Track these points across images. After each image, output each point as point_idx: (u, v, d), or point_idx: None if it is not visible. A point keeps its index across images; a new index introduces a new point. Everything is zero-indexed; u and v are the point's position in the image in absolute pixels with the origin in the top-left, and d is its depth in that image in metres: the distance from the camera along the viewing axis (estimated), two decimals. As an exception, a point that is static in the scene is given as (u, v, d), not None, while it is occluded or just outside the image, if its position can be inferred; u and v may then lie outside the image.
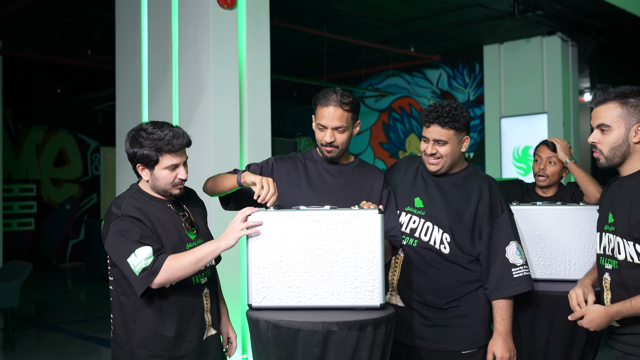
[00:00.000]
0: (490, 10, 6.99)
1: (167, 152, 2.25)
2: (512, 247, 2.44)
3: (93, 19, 7.05)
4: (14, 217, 11.15)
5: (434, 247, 2.46)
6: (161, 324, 2.25)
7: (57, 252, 11.75)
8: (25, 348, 6.02)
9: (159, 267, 2.12)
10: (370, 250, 2.08)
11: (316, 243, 2.09)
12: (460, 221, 2.46)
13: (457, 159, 2.52)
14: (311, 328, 1.93)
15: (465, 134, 2.50)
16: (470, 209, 2.47)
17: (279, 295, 2.10)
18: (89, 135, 12.25)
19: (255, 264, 2.11)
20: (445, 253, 2.45)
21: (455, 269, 2.46)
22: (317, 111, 2.43)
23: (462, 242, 2.46)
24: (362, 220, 2.08)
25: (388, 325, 2.04)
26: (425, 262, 2.47)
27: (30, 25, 7.57)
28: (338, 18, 7.22)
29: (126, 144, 2.31)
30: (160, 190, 2.32)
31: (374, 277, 2.08)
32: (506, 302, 2.43)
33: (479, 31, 8.09)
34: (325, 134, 2.41)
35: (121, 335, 2.30)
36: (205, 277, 2.38)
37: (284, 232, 2.10)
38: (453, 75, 9.63)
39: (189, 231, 2.35)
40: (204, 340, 2.35)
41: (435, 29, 7.92)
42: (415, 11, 7.12)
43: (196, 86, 4.55)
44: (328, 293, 2.09)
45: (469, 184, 2.52)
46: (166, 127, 2.27)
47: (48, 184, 11.82)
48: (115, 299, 2.31)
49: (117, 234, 2.20)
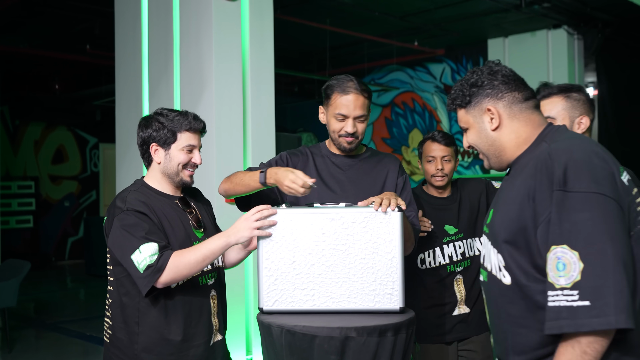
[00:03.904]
0: (496, 2, 6.84)
1: (186, 130, 2.18)
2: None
3: (91, 13, 6.90)
4: (13, 214, 11.06)
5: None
6: (167, 327, 2.12)
7: (56, 250, 11.65)
8: (23, 348, 5.91)
9: (165, 264, 1.99)
10: (389, 250, 1.95)
11: (331, 243, 1.96)
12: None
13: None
14: (328, 334, 1.80)
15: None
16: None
17: (292, 298, 1.97)
18: (87, 132, 12.14)
19: (266, 265, 1.98)
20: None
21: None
22: (334, 100, 2.26)
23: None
24: (381, 218, 1.95)
25: (409, 330, 1.91)
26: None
27: (28, 20, 7.41)
28: (341, 11, 7.08)
29: (140, 129, 2.23)
30: (172, 173, 2.20)
31: (394, 279, 1.95)
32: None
33: (484, 24, 7.95)
34: (346, 124, 2.25)
35: (122, 339, 2.15)
36: (212, 279, 2.25)
37: (297, 231, 1.97)
38: (457, 69, 9.49)
39: (196, 229, 2.23)
40: (211, 345, 2.22)
41: (439, 22, 7.78)
42: (420, 4, 6.97)
43: (198, 80, 4.42)
44: (344, 296, 1.96)
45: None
46: (183, 111, 2.24)
47: (47, 181, 11.72)
48: (117, 300, 2.17)
49: (121, 228, 2.07)
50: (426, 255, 2.76)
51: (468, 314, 2.76)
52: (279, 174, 2.09)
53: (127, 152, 4.94)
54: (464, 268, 2.78)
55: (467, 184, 2.89)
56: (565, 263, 1.33)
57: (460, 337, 2.76)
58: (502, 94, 1.60)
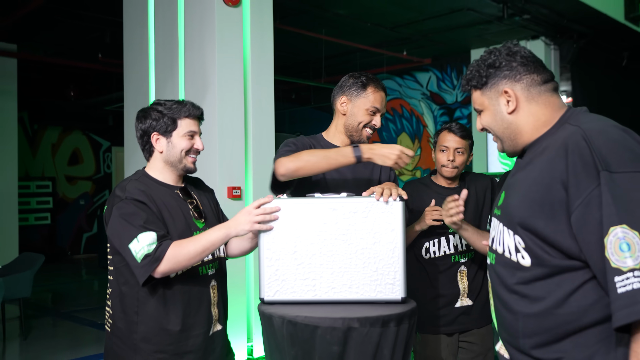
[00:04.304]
0: (480, 14, 6.67)
1: (186, 117, 1.99)
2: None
3: (102, 23, 6.68)
4: (31, 212, 10.95)
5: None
6: (165, 317, 1.92)
7: (72, 245, 11.46)
8: (39, 336, 5.69)
9: (163, 254, 1.80)
10: (391, 240, 1.76)
11: (333, 233, 1.77)
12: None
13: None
14: (330, 324, 1.61)
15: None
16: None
17: (293, 288, 1.78)
18: (101, 136, 11.97)
19: (267, 255, 1.79)
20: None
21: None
22: (370, 93, 2.15)
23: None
24: (382, 208, 1.77)
25: (411, 320, 1.72)
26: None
27: (43, 29, 7.20)
28: (336, 22, 6.89)
29: (138, 121, 2.03)
30: (176, 160, 2.01)
31: (395, 269, 1.76)
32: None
33: (467, 35, 7.77)
34: (377, 117, 2.17)
35: (122, 328, 1.95)
36: (213, 269, 2.05)
37: (299, 221, 1.78)
38: (442, 77, 9.32)
39: (196, 219, 2.02)
40: (211, 335, 2.02)
41: (426, 33, 7.60)
42: (409, 15, 6.79)
43: (202, 82, 4.23)
44: (346, 286, 1.77)
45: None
46: (180, 100, 2.06)
47: (63, 181, 11.57)
48: (116, 289, 1.97)
49: (119, 217, 1.87)
50: (431, 245, 2.53)
51: (471, 307, 2.54)
52: (375, 149, 1.94)
53: (134, 154, 4.75)
54: (468, 259, 2.55)
55: (475, 178, 2.68)
56: (629, 243, 1.14)
57: (461, 329, 2.55)
58: (520, 75, 1.41)
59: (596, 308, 1.25)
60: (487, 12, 6.64)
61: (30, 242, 10.42)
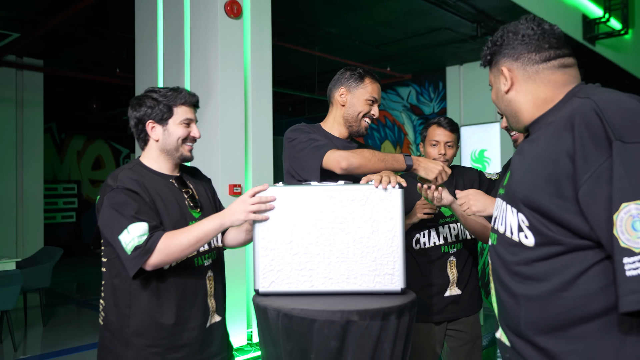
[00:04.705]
0: (456, 33, 6.39)
1: (182, 104, 1.66)
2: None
3: (120, 40, 6.32)
4: (59, 211, 10.68)
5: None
6: (158, 310, 1.57)
7: (95, 240, 11.08)
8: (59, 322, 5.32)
9: (154, 246, 1.46)
10: (389, 229, 1.43)
11: (330, 221, 1.44)
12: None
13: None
14: (328, 318, 1.27)
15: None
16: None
17: (289, 279, 1.44)
18: (121, 144, 11.65)
19: (262, 244, 1.45)
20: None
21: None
22: (367, 84, 1.92)
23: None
24: (381, 195, 1.44)
25: (411, 312, 1.39)
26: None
27: (66, 46, 6.83)
28: (328, 40, 6.57)
29: (132, 109, 1.68)
30: (172, 149, 1.67)
31: (394, 259, 1.43)
32: None
33: (444, 53, 7.48)
34: (374, 107, 1.92)
35: (114, 322, 1.61)
36: (209, 259, 1.70)
37: (295, 209, 1.45)
38: (420, 92, 9.03)
39: (192, 209, 1.68)
40: (207, 327, 1.67)
41: (407, 51, 7.31)
42: (393, 34, 6.49)
43: (206, 88, 3.90)
44: (343, 277, 1.44)
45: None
46: (175, 87, 1.70)
47: (87, 184, 11.27)
48: (109, 282, 1.63)
49: (110, 207, 1.53)
50: (421, 236, 2.22)
51: (459, 296, 2.22)
52: (422, 163, 1.77)
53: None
54: (457, 250, 2.24)
55: (463, 171, 2.35)
56: None
57: (450, 317, 2.22)
58: (518, 54, 1.14)
59: (607, 292, 0.94)
60: (462, 32, 6.36)
61: (57, 238, 10.21)
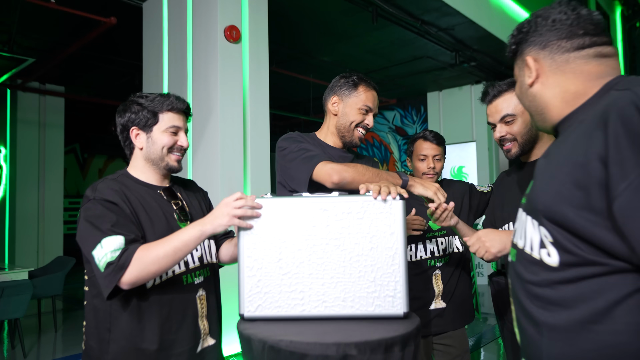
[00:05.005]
0: (436, 61, 6.17)
1: (168, 111, 1.35)
2: None
3: (131, 67, 6.06)
4: None
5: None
6: (140, 334, 1.24)
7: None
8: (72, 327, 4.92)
9: (128, 261, 1.14)
10: (390, 245, 1.12)
11: (324, 237, 1.13)
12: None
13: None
14: (321, 352, 0.95)
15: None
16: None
17: (278, 302, 1.12)
18: (138, 162, 11.38)
19: (247, 263, 1.13)
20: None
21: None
22: (361, 92, 1.60)
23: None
24: (380, 208, 1.14)
25: (417, 340, 1.07)
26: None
27: (84, 73, 6.56)
28: (321, 67, 6.33)
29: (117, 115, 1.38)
30: (157, 158, 1.36)
31: (396, 279, 1.12)
32: None
33: (425, 80, 7.26)
34: (369, 117, 1.60)
35: (94, 347, 1.27)
36: (201, 276, 1.37)
37: (284, 223, 1.13)
38: (404, 115, 8.80)
39: (181, 222, 1.35)
40: (199, 352, 1.33)
41: (393, 78, 7.08)
42: (380, 62, 6.26)
43: (207, 107, 3.62)
44: (339, 299, 1.12)
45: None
46: (165, 93, 1.40)
47: (106, 199, 10.89)
48: (90, 302, 1.30)
49: (85, 220, 1.22)
50: (408, 250, 1.91)
51: (444, 309, 1.92)
52: (418, 180, 1.47)
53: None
54: (444, 263, 1.94)
55: (452, 184, 2.05)
56: None
57: (436, 331, 1.91)
58: (546, 42, 0.84)
59: None
60: (442, 60, 6.14)
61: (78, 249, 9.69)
